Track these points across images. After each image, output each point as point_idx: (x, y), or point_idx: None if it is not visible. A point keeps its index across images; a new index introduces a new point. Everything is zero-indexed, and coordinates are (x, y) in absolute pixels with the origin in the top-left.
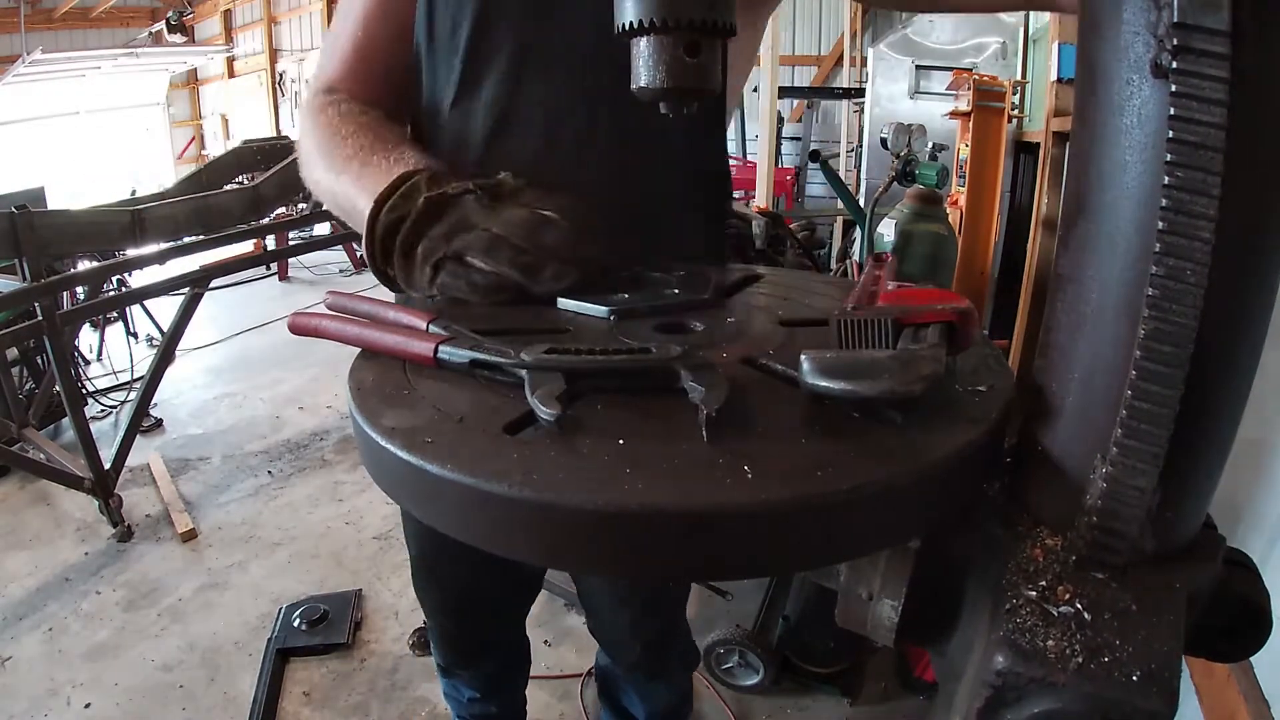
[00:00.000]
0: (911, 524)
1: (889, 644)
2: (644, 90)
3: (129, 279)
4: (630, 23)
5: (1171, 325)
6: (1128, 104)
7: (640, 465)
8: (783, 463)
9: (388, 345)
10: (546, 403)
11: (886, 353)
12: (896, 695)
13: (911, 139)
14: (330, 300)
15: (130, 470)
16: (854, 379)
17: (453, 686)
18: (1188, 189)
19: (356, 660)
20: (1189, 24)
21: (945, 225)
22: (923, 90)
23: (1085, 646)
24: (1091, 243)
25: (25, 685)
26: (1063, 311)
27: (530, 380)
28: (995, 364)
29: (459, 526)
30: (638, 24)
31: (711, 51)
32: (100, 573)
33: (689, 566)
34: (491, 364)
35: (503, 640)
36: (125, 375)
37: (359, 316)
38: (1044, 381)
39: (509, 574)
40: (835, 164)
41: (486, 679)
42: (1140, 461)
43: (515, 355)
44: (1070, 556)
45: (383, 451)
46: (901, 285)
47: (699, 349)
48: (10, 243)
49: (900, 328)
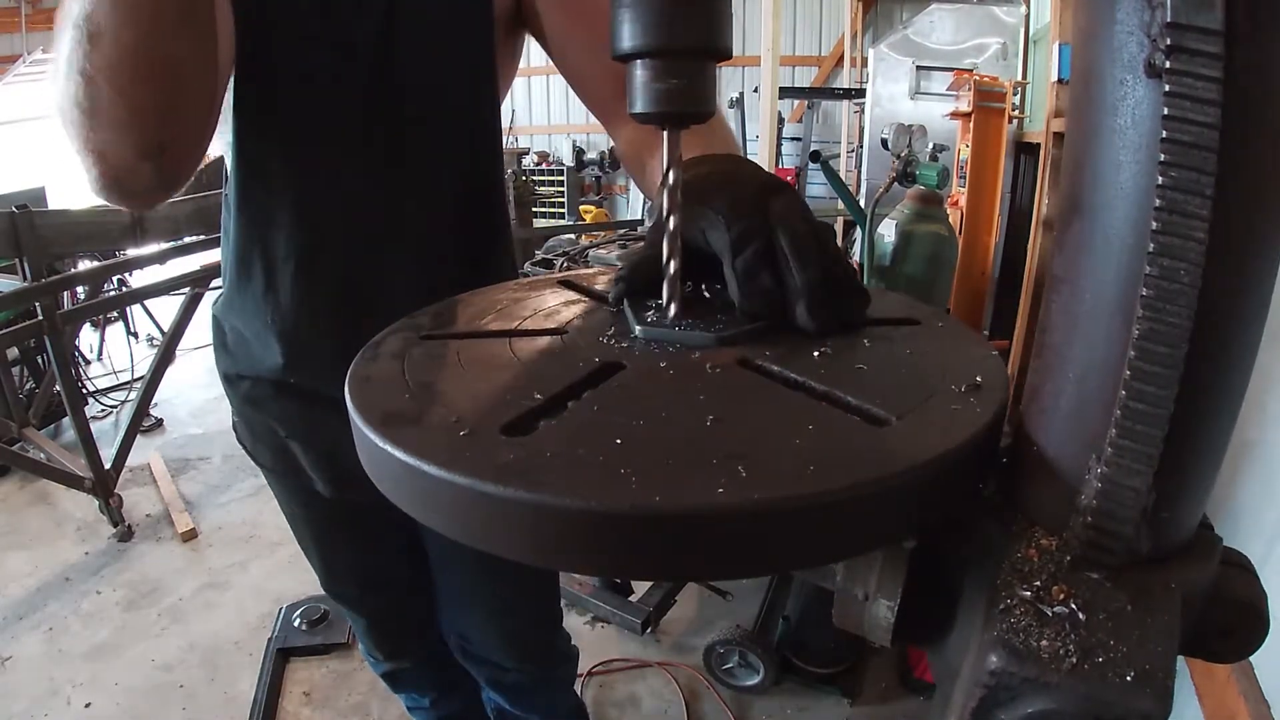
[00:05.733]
0: (906, 524)
1: (885, 644)
2: (641, 116)
3: (129, 279)
4: (628, 49)
5: (1166, 325)
6: (1121, 104)
7: (636, 466)
8: (777, 463)
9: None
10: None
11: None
12: (896, 695)
13: (912, 139)
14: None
15: (130, 470)
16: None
17: (408, 697)
18: (1182, 189)
19: (356, 660)
20: (1182, 23)
21: (946, 226)
22: (923, 91)
23: (1079, 647)
24: (1086, 243)
25: (25, 685)
26: (1058, 312)
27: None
28: (991, 363)
29: (456, 527)
30: (635, 50)
31: (707, 75)
32: (100, 573)
33: (685, 566)
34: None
35: (421, 620)
36: (125, 375)
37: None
38: (1039, 382)
39: (393, 550)
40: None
41: (434, 678)
42: (1135, 462)
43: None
44: (1065, 557)
45: (380, 451)
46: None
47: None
48: (11, 242)
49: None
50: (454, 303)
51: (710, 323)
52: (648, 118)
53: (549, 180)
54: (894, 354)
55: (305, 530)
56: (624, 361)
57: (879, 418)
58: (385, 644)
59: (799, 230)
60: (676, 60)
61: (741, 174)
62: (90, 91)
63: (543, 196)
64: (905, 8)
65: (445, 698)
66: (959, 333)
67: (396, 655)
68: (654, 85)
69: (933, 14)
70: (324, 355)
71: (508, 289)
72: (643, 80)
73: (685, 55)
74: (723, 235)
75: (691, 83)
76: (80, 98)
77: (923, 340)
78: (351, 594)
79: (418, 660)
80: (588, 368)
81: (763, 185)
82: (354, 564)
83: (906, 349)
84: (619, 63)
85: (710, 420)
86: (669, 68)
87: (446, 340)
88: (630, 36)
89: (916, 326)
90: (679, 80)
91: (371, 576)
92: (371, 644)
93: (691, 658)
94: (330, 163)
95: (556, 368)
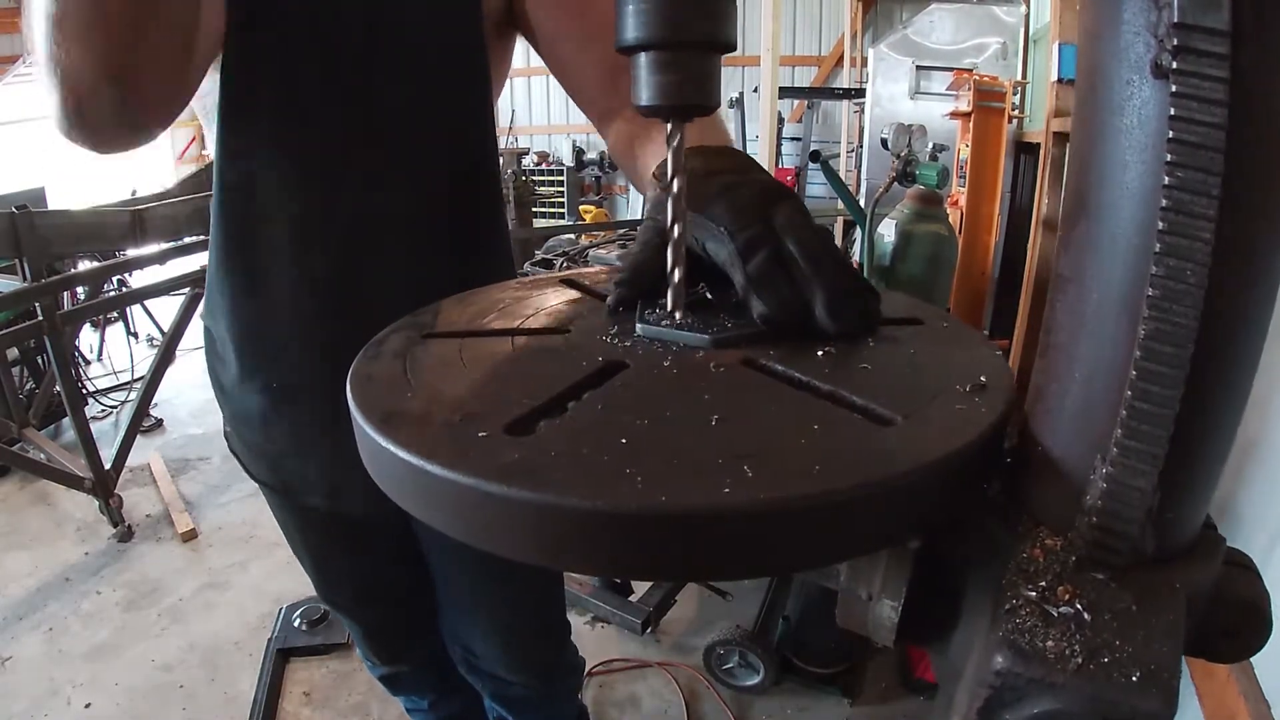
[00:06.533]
0: (911, 524)
1: (889, 644)
2: (646, 109)
3: (129, 279)
4: (632, 41)
5: (1172, 326)
6: (1128, 104)
7: (641, 465)
8: (782, 463)
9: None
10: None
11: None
12: (896, 695)
13: (912, 139)
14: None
15: (130, 470)
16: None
17: (407, 700)
18: (1188, 189)
19: (356, 660)
20: (1189, 24)
21: (945, 226)
22: (923, 90)
23: (1085, 647)
24: (1092, 243)
25: (25, 685)
26: (1063, 312)
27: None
28: (995, 363)
29: (458, 527)
30: (640, 42)
31: (712, 68)
32: (100, 573)
33: (691, 566)
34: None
35: (418, 626)
36: (125, 375)
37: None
38: (1044, 382)
39: (387, 561)
40: (835, 164)
41: (433, 681)
42: (1140, 462)
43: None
44: (1070, 557)
45: (382, 451)
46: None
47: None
48: (11, 243)
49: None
50: (456, 301)
51: (713, 322)
52: (654, 110)
53: (549, 180)
54: (898, 354)
55: (298, 540)
56: (627, 361)
57: (884, 417)
58: (383, 651)
59: (807, 236)
60: (682, 52)
61: (740, 178)
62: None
63: (543, 196)
64: (905, 8)
65: (444, 699)
66: (962, 333)
67: (394, 660)
68: (660, 77)
69: (933, 14)
70: (313, 364)
71: (510, 288)
72: (648, 72)
73: (691, 47)
74: (725, 246)
75: (697, 75)
76: (52, 9)
77: (926, 340)
78: (347, 604)
79: (416, 665)
80: (591, 367)
81: (763, 190)
82: (348, 574)
83: (910, 349)
84: (622, 55)
85: (715, 420)
86: (675, 60)
87: (449, 339)
88: (636, 28)
89: (920, 326)
90: (685, 73)
91: (366, 586)
92: (369, 650)
93: (691, 658)
94: (316, 171)
95: (559, 367)
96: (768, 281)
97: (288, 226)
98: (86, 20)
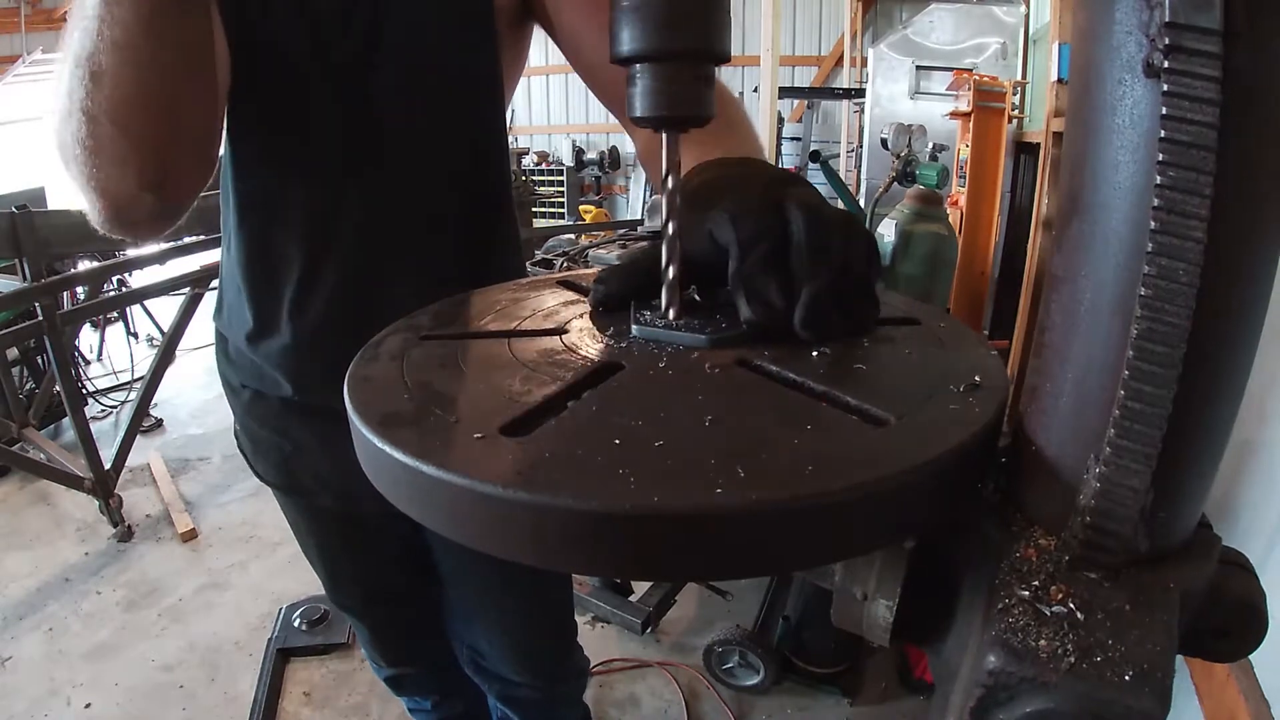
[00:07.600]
0: (905, 524)
1: (884, 644)
2: (640, 120)
3: (129, 279)
4: (626, 53)
5: (1164, 325)
6: (1120, 104)
7: (635, 466)
8: (776, 463)
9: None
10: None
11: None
12: (896, 695)
13: (912, 139)
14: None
15: (130, 470)
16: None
17: (410, 700)
18: (1180, 188)
19: (356, 660)
20: (1181, 23)
21: (945, 226)
22: (923, 90)
23: (1078, 646)
24: (1085, 242)
25: (25, 685)
26: (1057, 311)
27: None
28: (990, 363)
29: (455, 528)
30: (633, 54)
31: (707, 78)
32: (100, 573)
33: (684, 566)
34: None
35: (426, 628)
36: (125, 375)
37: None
38: (1038, 381)
39: (396, 561)
40: (835, 164)
41: (437, 682)
42: (1133, 461)
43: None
44: (1064, 556)
45: (379, 452)
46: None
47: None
48: (10, 242)
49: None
50: (453, 303)
51: (709, 323)
52: (645, 121)
53: (549, 180)
54: (894, 354)
55: (310, 542)
56: (623, 362)
57: (878, 418)
58: (389, 652)
59: (814, 224)
60: (673, 64)
61: (749, 174)
62: (93, 129)
63: (542, 196)
64: (905, 8)
65: (448, 700)
66: (959, 333)
67: (399, 662)
68: (651, 89)
69: (932, 14)
70: (327, 371)
71: (507, 289)
72: (640, 84)
73: (682, 59)
74: (729, 233)
75: (689, 86)
76: (83, 135)
77: (923, 340)
78: (356, 605)
79: (421, 666)
80: (587, 368)
81: (771, 180)
82: (357, 575)
83: (907, 349)
84: (619, 66)
85: (709, 420)
86: (666, 71)
87: (446, 340)
88: (628, 40)
89: (916, 326)
90: (676, 84)
91: (375, 587)
92: (375, 651)
93: (691, 658)
94: (325, 178)
95: (555, 368)
96: (757, 284)
97: (301, 235)
98: (123, 151)
